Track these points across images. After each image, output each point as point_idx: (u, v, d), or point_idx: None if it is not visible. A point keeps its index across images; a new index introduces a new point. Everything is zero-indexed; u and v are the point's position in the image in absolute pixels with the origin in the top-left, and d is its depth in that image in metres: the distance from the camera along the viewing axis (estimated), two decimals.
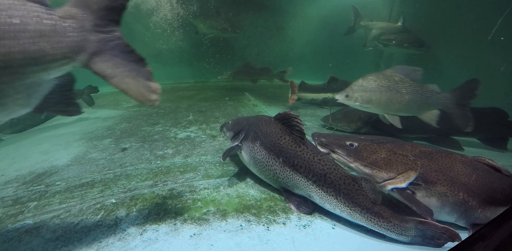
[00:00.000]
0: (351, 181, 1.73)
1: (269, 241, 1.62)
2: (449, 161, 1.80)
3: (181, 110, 4.89)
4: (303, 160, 1.91)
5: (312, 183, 1.85)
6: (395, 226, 1.59)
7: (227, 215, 1.86)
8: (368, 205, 1.65)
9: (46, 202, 2.03)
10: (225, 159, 2.18)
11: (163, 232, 1.68)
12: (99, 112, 4.95)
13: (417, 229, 1.57)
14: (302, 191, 1.95)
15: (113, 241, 1.60)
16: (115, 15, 1.34)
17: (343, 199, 1.72)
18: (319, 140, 2.11)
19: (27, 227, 1.73)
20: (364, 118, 3.71)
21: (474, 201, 1.69)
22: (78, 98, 5.93)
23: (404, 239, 1.61)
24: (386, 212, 1.63)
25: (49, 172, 2.53)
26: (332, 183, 1.77)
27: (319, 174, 1.83)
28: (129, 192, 2.14)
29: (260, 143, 2.14)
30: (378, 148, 1.91)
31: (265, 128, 2.19)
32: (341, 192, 1.73)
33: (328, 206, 1.82)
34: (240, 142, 2.31)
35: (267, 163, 2.08)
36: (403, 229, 1.59)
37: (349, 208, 1.71)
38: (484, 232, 1.35)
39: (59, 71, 1.23)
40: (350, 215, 1.72)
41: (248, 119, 2.50)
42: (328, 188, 1.78)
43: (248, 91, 7.01)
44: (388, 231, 1.61)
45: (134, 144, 3.20)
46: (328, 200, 1.80)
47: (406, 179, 1.74)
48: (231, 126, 2.57)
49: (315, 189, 1.85)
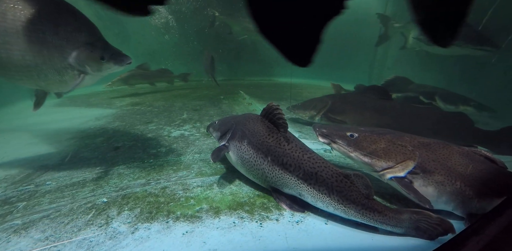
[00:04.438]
0: (343, 178, 1.72)
1: (262, 238, 1.61)
2: (447, 152, 1.83)
3: (175, 109, 4.86)
4: (292, 159, 1.87)
5: (303, 181, 1.82)
6: (390, 219, 1.60)
7: (220, 213, 1.85)
8: (362, 201, 1.65)
9: (35, 202, 1.99)
10: (216, 160, 2.06)
11: (155, 230, 1.66)
12: (92, 111, 4.89)
13: (411, 220, 1.58)
14: (292, 190, 1.91)
15: (104, 240, 1.58)
16: None
17: (336, 197, 1.70)
18: (320, 131, 2.14)
19: (15, 228, 1.70)
20: (318, 107, 3.96)
21: (471, 191, 1.72)
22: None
23: (398, 230, 1.63)
24: (380, 206, 1.63)
25: (40, 171, 2.49)
26: (324, 181, 1.74)
27: (310, 172, 1.79)
28: (121, 191, 2.11)
29: (247, 142, 2.08)
30: (378, 138, 1.95)
31: (252, 127, 2.13)
32: (334, 189, 1.71)
33: (321, 204, 1.79)
34: (227, 142, 2.24)
35: (255, 162, 2.02)
36: (398, 220, 1.60)
37: (343, 205, 1.69)
38: (477, 226, 1.36)
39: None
40: (344, 212, 1.71)
41: (235, 118, 2.41)
42: (321, 187, 1.75)
43: (243, 89, 6.99)
44: (383, 224, 1.62)
45: (126, 143, 3.16)
46: (320, 199, 1.77)
47: (404, 168, 1.77)
48: (218, 126, 2.44)
49: (306, 188, 1.82)
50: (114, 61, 2.03)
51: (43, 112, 5.02)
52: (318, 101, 4.05)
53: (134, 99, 5.84)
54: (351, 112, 3.74)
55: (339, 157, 2.90)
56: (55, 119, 4.43)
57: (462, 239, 1.31)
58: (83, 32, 1.98)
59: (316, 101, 4.09)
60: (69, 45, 1.93)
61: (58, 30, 1.88)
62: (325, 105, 3.92)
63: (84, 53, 1.97)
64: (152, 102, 5.46)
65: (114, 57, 2.03)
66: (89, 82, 2.22)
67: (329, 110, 3.86)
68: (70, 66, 2.00)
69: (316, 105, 4.01)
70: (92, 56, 1.99)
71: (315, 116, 3.97)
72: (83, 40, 1.97)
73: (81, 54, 1.97)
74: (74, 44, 1.94)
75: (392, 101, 3.84)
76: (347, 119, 3.71)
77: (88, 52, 1.97)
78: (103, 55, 2.00)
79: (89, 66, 2.01)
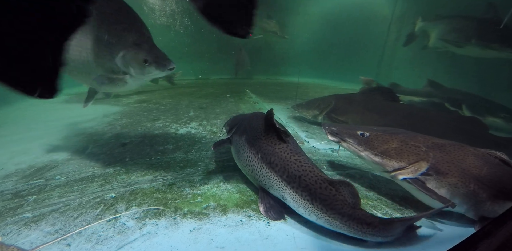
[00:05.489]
0: (327, 185, 1.57)
1: (270, 237, 1.60)
2: (461, 153, 1.79)
3: (182, 107, 4.87)
4: (279, 159, 1.79)
5: (286, 184, 1.71)
6: (381, 230, 1.47)
7: (227, 210, 1.85)
8: (348, 212, 1.49)
9: (45, 195, 2.02)
10: (215, 149, 2.18)
11: (163, 226, 1.66)
12: (100, 108, 4.93)
13: (403, 228, 1.54)
14: (276, 191, 1.81)
15: (113, 234, 1.59)
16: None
17: (319, 205, 1.56)
18: (329, 129, 2.12)
19: (26, 220, 1.72)
20: (322, 107, 3.94)
21: (485, 194, 1.68)
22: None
23: (389, 240, 1.53)
24: (368, 217, 1.49)
25: (49, 166, 2.52)
26: (307, 186, 1.61)
27: (294, 175, 1.68)
28: (129, 187, 2.13)
29: (245, 138, 2.09)
30: (390, 138, 1.91)
31: (254, 123, 2.14)
32: (318, 197, 1.56)
33: (303, 211, 1.66)
34: (231, 136, 2.30)
35: (247, 158, 2.00)
36: (388, 231, 1.48)
37: (327, 215, 1.54)
38: (489, 229, 1.33)
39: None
40: (328, 222, 1.56)
41: (245, 115, 2.50)
42: (303, 192, 1.62)
43: (250, 88, 6.98)
44: (374, 237, 1.49)
45: (134, 139, 3.18)
46: (302, 205, 1.64)
47: (417, 169, 1.74)
48: (230, 121, 2.59)
49: (289, 191, 1.70)
50: (156, 65, 1.90)
51: (51, 108, 5.09)
52: (322, 101, 4.02)
53: (141, 97, 5.88)
54: (353, 113, 3.70)
55: (346, 158, 2.87)
56: (64, 115, 4.48)
57: (473, 242, 1.29)
58: (133, 32, 1.88)
59: (320, 100, 4.06)
60: (118, 45, 1.85)
61: (111, 29, 1.81)
62: (328, 105, 3.90)
63: (129, 54, 1.88)
64: (159, 100, 5.49)
65: (157, 61, 1.90)
66: (133, 85, 2.10)
67: (332, 110, 3.83)
68: (117, 66, 1.93)
69: (319, 104, 3.98)
70: (136, 57, 1.89)
71: (318, 115, 3.95)
72: (131, 41, 1.87)
73: (127, 54, 1.89)
74: (123, 44, 1.86)
75: (397, 103, 3.75)
76: (349, 120, 3.67)
77: (133, 53, 1.88)
78: (146, 58, 1.88)
79: (133, 68, 1.92)
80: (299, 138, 3.39)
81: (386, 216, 1.86)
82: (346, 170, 2.55)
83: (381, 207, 1.97)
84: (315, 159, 2.76)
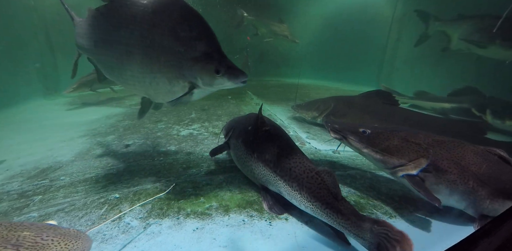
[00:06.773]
0: (314, 174, 1.66)
1: (272, 236, 1.63)
2: (461, 151, 1.82)
3: (184, 108, 4.91)
4: (272, 155, 1.89)
5: (280, 178, 1.81)
6: (352, 225, 1.43)
7: (229, 210, 1.87)
8: (328, 200, 1.55)
9: (50, 196, 2.05)
10: (213, 156, 2.23)
11: (166, 226, 1.69)
12: (102, 110, 4.98)
13: (372, 232, 1.35)
14: (273, 187, 1.90)
15: (117, 234, 1.62)
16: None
17: (305, 194, 1.65)
18: (332, 126, 2.15)
19: (32, 220, 1.75)
20: (321, 109, 3.97)
21: (484, 191, 1.70)
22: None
23: (361, 242, 1.41)
24: (346, 208, 1.49)
25: (54, 167, 2.56)
26: (297, 177, 1.71)
27: (286, 168, 1.78)
28: (132, 187, 2.16)
29: (241, 140, 2.15)
30: (391, 135, 1.94)
31: (247, 125, 2.20)
32: (304, 186, 1.66)
33: (295, 202, 1.74)
34: (229, 140, 2.35)
35: (245, 158, 2.07)
36: (359, 228, 1.40)
37: (311, 203, 1.62)
38: (489, 228, 1.35)
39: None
40: (312, 211, 1.63)
41: (239, 118, 2.57)
42: (293, 183, 1.72)
43: (251, 89, 7.02)
44: (346, 230, 1.47)
45: (137, 141, 3.21)
46: (293, 196, 1.72)
47: (417, 166, 1.76)
48: (227, 126, 2.64)
49: (283, 185, 1.80)
50: (229, 76, 1.73)
51: (55, 110, 5.15)
52: (322, 103, 4.06)
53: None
54: (352, 116, 3.74)
55: (347, 158, 2.89)
56: (67, 117, 4.54)
57: (473, 240, 1.30)
58: (203, 41, 1.73)
59: (320, 102, 4.10)
60: (187, 54, 1.70)
61: (179, 36, 1.68)
62: (327, 107, 3.93)
63: (199, 64, 1.72)
64: None
65: (230, 72, 1.73)
66: (196, 97, 1.97)
67: (331, 112, 3.86)
68: (183, 77, 1.77)
69: (319, 106, 4.02)
70: (207, 68, 1.72)
71: (317, 117, 3.98)
72: (201, 50, 1.71)
73: (197, 64, 1.72)
74: (192, 53, 1.70)
75: (395, 106, 3.77)
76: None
77: (203, 63, 1.71)
78: (218, 69, 1.71)
79: (201, 79, 1.76)
80: (300, 139, 3.41)
81: (385, 215, 1.89)
82: (347, 171, 2.57)
83: (381, 207, 1.99)
84: (317, 160, 2.79)
